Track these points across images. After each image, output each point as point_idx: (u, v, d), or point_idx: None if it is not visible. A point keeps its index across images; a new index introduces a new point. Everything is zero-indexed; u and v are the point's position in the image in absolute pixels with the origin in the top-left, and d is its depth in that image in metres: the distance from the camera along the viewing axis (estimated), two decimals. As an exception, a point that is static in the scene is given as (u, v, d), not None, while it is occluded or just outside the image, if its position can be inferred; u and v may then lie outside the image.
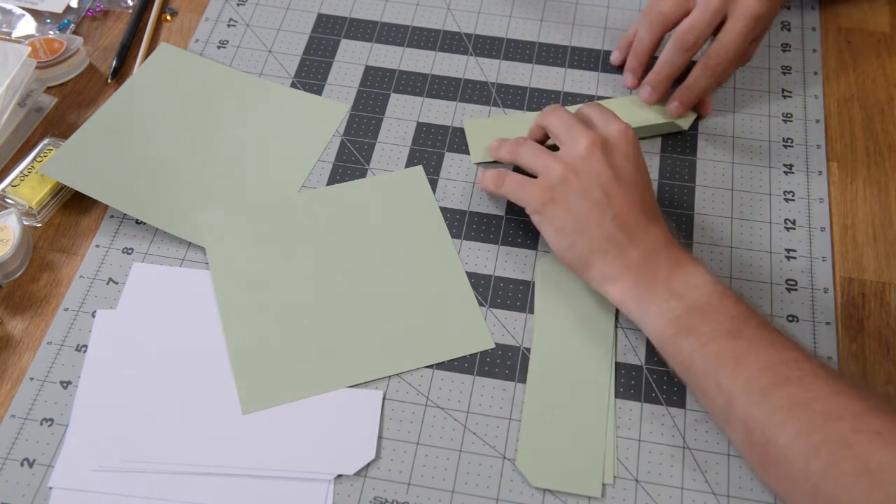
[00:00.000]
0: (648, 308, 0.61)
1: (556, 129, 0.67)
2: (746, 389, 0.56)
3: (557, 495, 0.60)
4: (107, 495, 0.60)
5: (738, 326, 0.58)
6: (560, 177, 0.64)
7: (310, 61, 0.83)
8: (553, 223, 0.64)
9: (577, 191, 0.63)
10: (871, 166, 0.76)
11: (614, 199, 0.63)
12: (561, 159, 0.64)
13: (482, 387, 0.65)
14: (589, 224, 0.63)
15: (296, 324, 0.67)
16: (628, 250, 0.62)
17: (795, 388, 0.54)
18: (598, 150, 0.64)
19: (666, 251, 0.62)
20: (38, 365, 0.65)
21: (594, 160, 0.63)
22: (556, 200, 0.64)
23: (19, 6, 0.86)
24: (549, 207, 0.64)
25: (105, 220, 0.73)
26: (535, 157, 0.66)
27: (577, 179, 0.63)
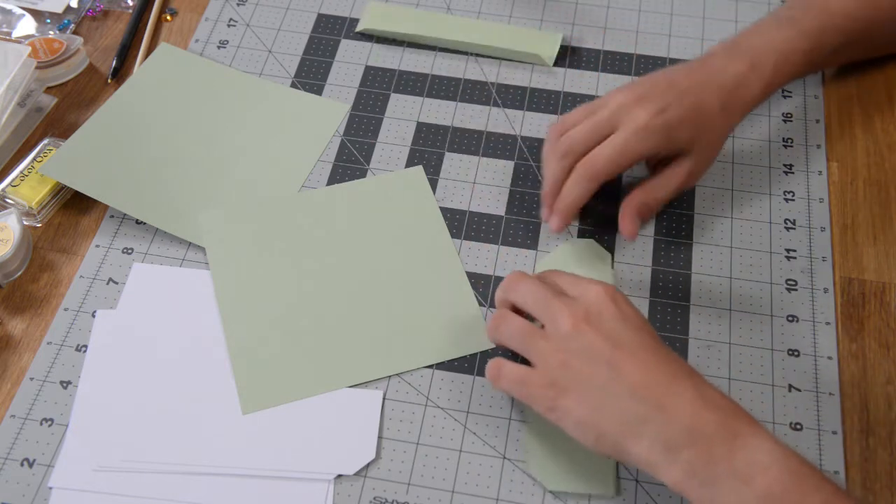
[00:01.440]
0: (714, 499, 0.51)
1: (529, 307, 0.59)
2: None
3: (557, 496, 0.60)
4: (107, 495, 0.60)
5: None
6: (558, 364, 0.56)
7: (310, 61, 0.83)
8: (571, 418, 0.55)
9: (581, 374, 0.55)
10: (871, 166, 0.76)
11: (625, 369, 0.54)
12: (552, 342, 0.56)
13: (482, 387, 0.65)
14: (608, 407, 0.54)
15: (296, 324, 0.67)
16: (665, 426, 0.52)
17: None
18: (585, 323, 0.55)
19: (713, 418, 0.52)
20: (38, 365, 0.65)
21: (585, 336, 0.55)
22: (563, 392, 0.55)
23: (19, 6, 0.86)
24: (560, 403, 0.55)
25: (105, 220, 0.73)
26: (524, 339, 0.58)
27: (576, 360, 0.55)
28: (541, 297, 0.58)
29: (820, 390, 0.64)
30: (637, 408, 0.53)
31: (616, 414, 0.54)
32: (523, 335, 0.58)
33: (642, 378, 0.54)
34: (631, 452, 0.53)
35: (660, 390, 0.53)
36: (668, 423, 0.52)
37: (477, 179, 0.75)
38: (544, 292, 0.58)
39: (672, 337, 0.66)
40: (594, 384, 0.54)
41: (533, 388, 0.57)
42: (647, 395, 0.53)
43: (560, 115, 0.73)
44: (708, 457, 0.51)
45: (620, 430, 0.54)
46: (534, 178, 0.75)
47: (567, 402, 0.55)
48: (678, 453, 0.52)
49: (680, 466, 0.52)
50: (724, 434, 0.51)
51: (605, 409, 0.54)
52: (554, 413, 0.56)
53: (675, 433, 0.52)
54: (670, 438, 0.52)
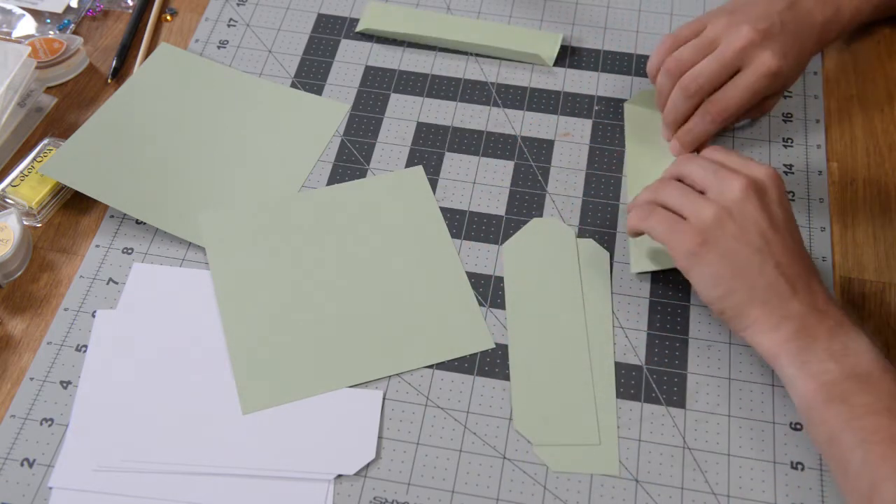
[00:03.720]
0: (802, 366, 0.57)
1: (698, 176, 0.62)
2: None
3: (557, 495, 0.60)
4: (107, 495, 0.60)
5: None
6: (714, 219, 0.60)
7: (310, 61, 0.83)
8: (707, 269, 0.60)
9: (734, 235, 0.59)
10: (871, 166, 0.76)
11: (775, 247, 0.59)
12: (713, 201, 0.60)
13: (482, 387, 0.65)
14: (749, 271, 0.59)
15: (296, 324, 0.67)
16: (790, 301, 0.58)
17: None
18: (753, 192, 0.60)
19: (828, 309, 0.58)
20: (38, 365, 0.65)
21: (749, 204, 0.60)
22: (711, 244, 0.60)
23: (19, 6, 0.86)
24: (703, 252, 0.60)
25: (105, 220, 0.73)
26: (683, 196, 0.62)
27: (732, 223, 0.59)
28: (713, 167, 0.62)
29: (820, 390, 0.64)
30: (774, 280, 0.59)
31: (753, 279, 0.59)
32: (684, 192, 0.62)
33: (786, 259, 0.59)
34: (748, 315, 0.59)
35: (797, 275, 0.59)
36: (793, 299, 0.58)
37: (477, 179, 0.75)
38: (714, 165, 0.62)
39: (672, 337, 0.66)
40: (745, 248, 0.59)
41: (681, 232, 0.61)
42: (787, 273, 0.59)
43: (672, 33, 0.74)
44: (812, 332, 0.57)
45: (750, 293, 0.59)
46: (534, 177, 0.75)
47: (710, 255, 0.60)
48: (788, 323, 0.58)
49: (783, 333, 0.58)
50: (832, 322, 0.58)
51: (744, 272, 0.59)
52: (693, 258, 0.60)
53: (794, 310, 0.58)
54: (788, 312, 0.58)
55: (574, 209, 0.73)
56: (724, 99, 0.71)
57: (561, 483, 0.60)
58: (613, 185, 0.75)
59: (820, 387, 0.56)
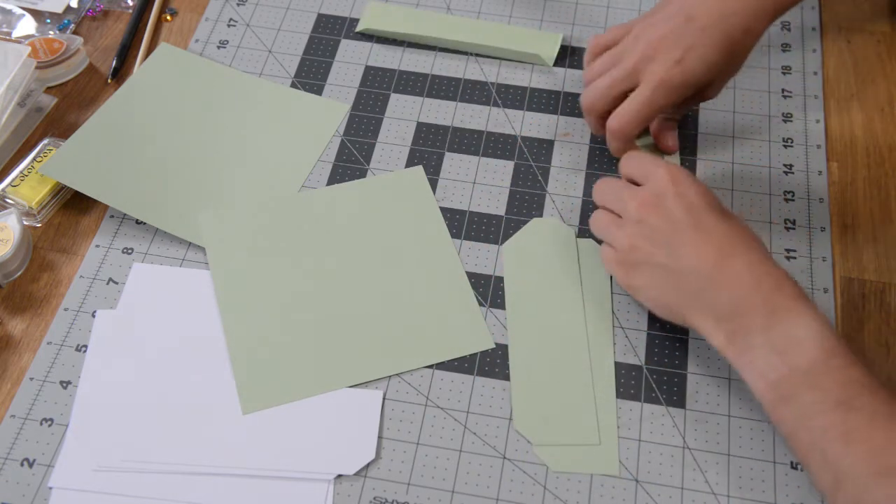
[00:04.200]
0: (748, 366, 0.56)
1: (609, 203, 0.66)
2: (856, 472, 0.50)
3: (557, 495, 0.60)
4: (107, 495, 0.60)
5: (849, 395, 0.52)
6: (628, 247, 0.62)
7: (310, 61, 0.83)
8: (643, 293, 0.63)
9: (646, 254, 0.61)
10: (871, 166, 0.76)
11: (682, 251, 0.60)
12: (624, 228, 0.63)
13: (482, 387, 0.65)
14: (669, 284, 0.60)
15: (296, 324, 0.67)
16: (715, 298, 0.58)
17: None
18: (649, 207, 0.62)
19: (757, 293, 0.57)
20: (38, 365, 0.65)
21: (650, 219, 0.61)
22: (634, 268, 0.62)
23: (19, 6, 0.86)
24: (632, 279, 0.63)
25: (105, 220, 0.73)
26: (602, 228, 0.66)
27: (642, 243, 0.62)
28: (613, 189, 0.66)
29: (820, 390, 0.64)
30: (693, 283, 0.59)
31: (677, 289, 0.60)
32: (603, 225, 0.66)
33: (697, 256, 0.59)
34: (691, 322, 0.60)
35: (711, 267, 0.59)
36: (716, 296, 0.58)
37: (477, 179, 0.75)
38: (616, 185, 0.66)
39: (672, 337, 0.66)
40: (657, 263, 0.61)
41: (611, 266, 0.65)
42: (701, 271, 0.59)
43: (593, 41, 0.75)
44: (747, 328, 0.56)
45: (681, 302, 0.60)
46: (534, 177, 0.75)
47: (638, 280, 0.62)
48: (723, 322, 0.58)
49: (723, 335, 0.58)
50: (764, 309, 0.56)
51: (668, 285, 0.61)
52: (630, 290, 0.63)
53: (722, 304, 0.58)
54: (718, 309, 0.58)
55: (574, 209, 0.73)
56: (618, 114, 0.69)
57: (561, 483, 0.60)
58: (613, 185, 0.75)
59: (769, 386, 0.55)
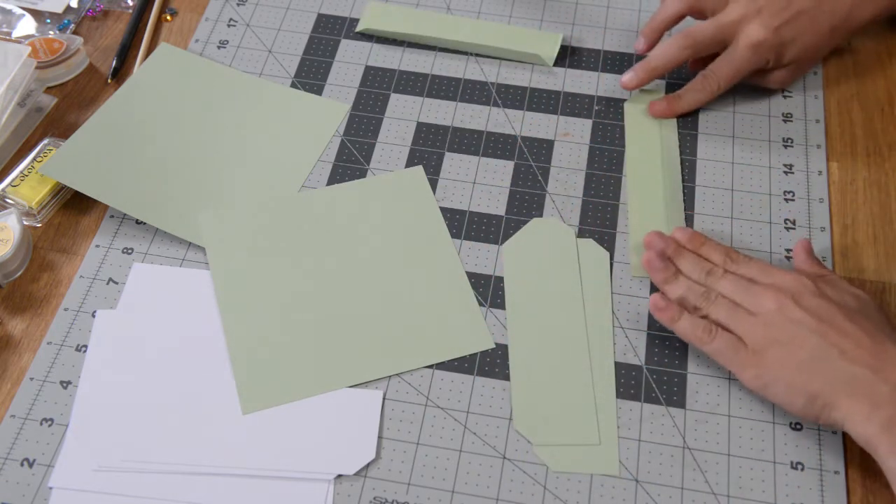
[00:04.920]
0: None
1: (732, 294, 0.63)
2: None
3: (557, 495, 0.60)
4: (107, 495, 0.60)
5: None
6: (764, 336, 0.60)
7: (310, 61, 0.83)
8: (780, 382, 0.59)
9: (790, 343, 0.59)
10: (871, 166, 0.76)
11: (832, 338, 0.58)
12: (757, 318, 0.60)
13: (482, 387, 0.65)
14: (819, 371, 0.57)
15: (296, 324, 0.67)
16: (876, 385, 0.56)
17: None
18: (788, 300, 0.60)
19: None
20: (38, 365, 0.65)
21: (789, 309, 0.60)
22: (772, 359, 0.59)
23: (19, 6, 0.86)
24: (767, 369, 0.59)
25: (105, 220, 0.73)
26: (731, 314, 0.62)
27: (783, 333, 0.59)
28: (742, 285, 0.63)
29: (820, 390, 0.64)
30: (848, 368, 0.57)
31: (827, 374, 0.57)
32: (731, 311, 0.62)
33: (850, 343, 0.58)
34: (839, 409, 0.57)
35: (867, 353, 0.57)
36: (877, 381, 0.56)
37: (477, 179, 0.75)
38: (744, 282, 0.63)
39: (672, 337, 0.66)
40: (803, 351, 0.58)
41: (742, 357, 0.61)
42: (857, 357, 0.57)
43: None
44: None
45: (831, 389, 0.57)
46: (534, 177, 0.75)
47: (776, 369, 0.59)
48: (880, 410, 0.55)
49: (878, 422, 0.55)
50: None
51: (815, 371, 0.58)
52: (762, 379, 0.60)
53: (883, 393, 0.55)
54: (877, 395, 0.56)
55: (574, 209, 0.73)
56: (714, 69, 0.75)
57: (561, 483, 0.60)
58: (613, 185, 0.75)
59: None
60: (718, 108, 0.79)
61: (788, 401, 0.59)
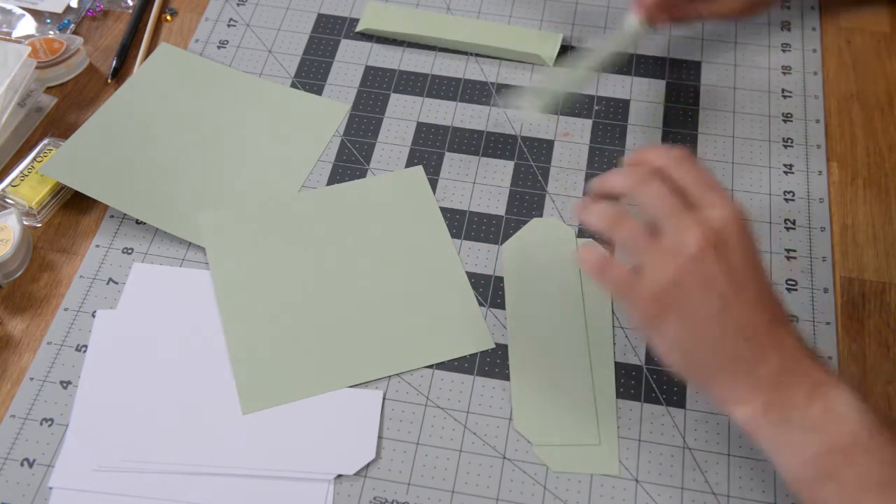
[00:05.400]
0: (782, 441, 0.52)
1: (653, 209, 0.55)
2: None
3: (557, 495, 0.60)
4: (107, 495, 0.60)
5: (893, 475, 0.50)
6: (672, 281, 0.53)
7: (310, 61, 0.83)
8: (666, 337, 0.55)
9: (692, 299, 0.53)
10: (871, 166, 0.76)
11: (735, 308, 0.53)
12: (670, 256, 0.54)
13: (482, 387, 0.65)
14: (708, 338, 0.54)
15: (296, 324, 0.67)
16: (757, 367, 0.53)
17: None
18: (711, 248, 0.53)
19: (801, 366, 0.53)
20: (38, 365, 0.65)
21: (708, 263, 0.53)
22: (669, 309, 0.54)
23: (19, 6, 0.86)
24: (661, 320, 0.54)
25: (105, 220, 0.73)
26: (637, 244, 0.56)
27: (690, 286, 0.53)
28: (669, 205, 0.55)
29: (820, 390, 0.64)
30: (738, 346, 0.53)
31: (716, 346, 0.54)
32: (638, 240, 0.55)
33: (750, 318, 0.54)
34: (714, 386, 0.55)
35: (763, 333, 0.54)
36: (760, 364, 0.53)
37: (477, 179, 0.75)
38: (673, 201, 0.55)
39: (672, 337, 0.66)
40: (703, 313, 0.54)
41: (638, 298, 0.55)
42: (752, 336, 0.53)
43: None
44: (786, 400, 0.52)
45: (716, 362, 0.54)
46: (534, 177, 0.75)
47: (670, 322, 0.54)
48: (760, 393, 0.53)
49: (759, 404, 0.53)
50: (807, 383, 0.53)
51: (706, 340, 0.54)
52: (653, 330, 0.55)
53: (764, 375, 0.53)
54: (758, 379, 0.53)
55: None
56: None
57: (561, 483, 0.60)
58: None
59: (804, 463, 0.52)
60: (718, 108, 0.79)
61: (676, 358, 0.55)
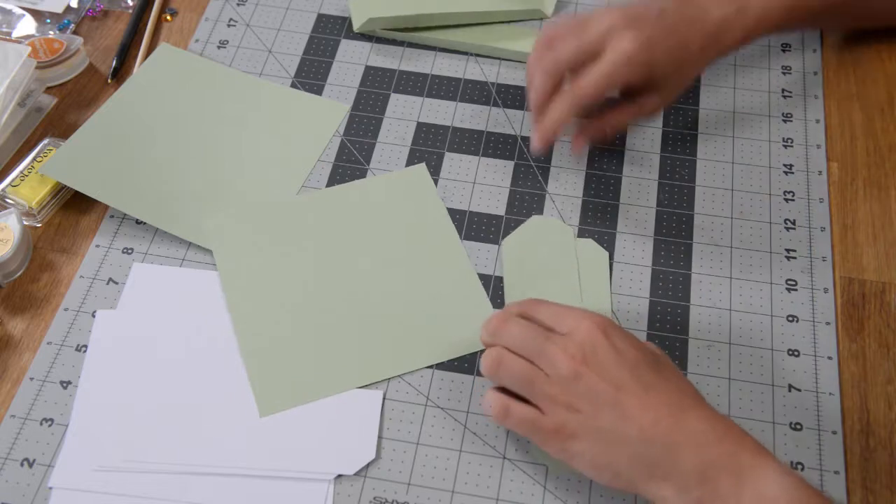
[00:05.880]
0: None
1: (524, 352, 0.57)
2: None
3: (557, 495, 0.60)
4: (107, 495, 0.60)
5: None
6: (564, 407, 0.55)
7: (310, 61, 0.83)
8: (583, 460, 0.55)
9: (588, 418, 0.54)
10: (871, 166, 0.76)
11: (629, 409, 0.54)
12: (554, 385, 0.55)
13: (482, 387, 0.65)
14: (618, 452, 0.54)
15: (309, 325, 0.67)
16: (675, 467, 0.52)
17: None
18: (581, 365, 0.55)
19: (721, 452, 0.52)
20: (38, 365, 0.65)
21: (584, 378, 0.55)
22: (574, 434, 0.55)
23: (19, 6, 0.86)
24: (571, 444, 0.55)
25: (105, 220, 0.73)
26: (525, 384, 0.57)
27: (582, 404, 0.55)
28: (531, 339, 0.57)
29: (820, 390, 0.64)
30: (646, 450, 0.53)
31: (627, 456, 0.54)
32: (526, 380, 0.57)
33: (648, 419, 0.53)
34: (646, 491, 0.54)
35: (666, 430, 0.53)
36: (677, 463, 0.52)
37: (477, 179, 0.75)
38: (535, 333, 0.57)
39: (672, 337, 0.66)
40: (602, 427, 0.54)
41: (543, 433, 0.56)
42: (655, 437, 0.53)
43: (544, 26, 0.72)
44: (716, 494, 0.51)
45: (633, 471, 0.54)
46: (534, 177, 0.75)
47: (578, 445, 0.55)
48: (689, 492, 0.52)
49: (690, 503, 0.52)
50: (731, 468, 0.51)
51: (615, 452, 0.54)
52: (566, 455, 0.56)
53: (685, 472, 0.52)
54: (680, 478, 0.52)
55: (574, 209, 0.73)
56: (580, 80, 0.67)
57: (561, 483, 0.60)
58: (613, 185, 0.75)
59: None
60: (719, 108, 0.79)
61: (596, 475, 0.56)
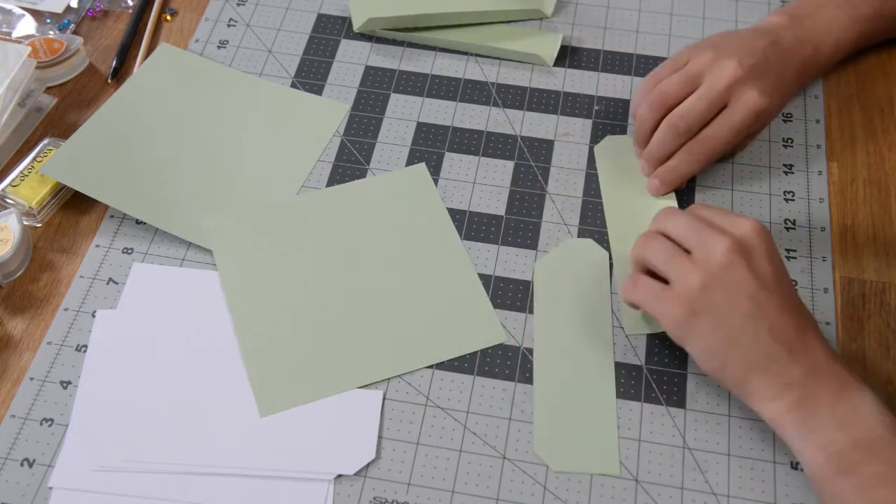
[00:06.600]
0: (808, 437, 0.55)
1: (680, 235, 0.60)
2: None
3: (557, 495, 0.60)
4: (107, 495, 0.60)
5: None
6: (701, 286, 0.57)
7: (310, 61, 0.83)
8: (700, 341, 0.58)
9: (724, 303, 0.57)
10: (871, 166, 0.76)
11: (767, 310, 0.57)
12: (699, 266, 0.58)
13: (482, 387, 0.65)
14: (743, 340, 0.57)
15: (309, 325, 0.67)
16: (789, 367, 0.56)
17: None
18: (738, 255, 0.57)
19: (829, 369, 0.56)
20: (38, 365, 0.65)
21: (736, 267, 0.57)
22: (700, 314, 0.57)
23: (19, 6, 0.86)
24: (693, 323, 0.58)
25: (105, 220, 0.73)
26: (669, 258, 0.60)
27: (721, 289, 0.57)
28: (695, 225, 0.60)
29: (820, 390, 0.64)
30: (770, 347, 0.57)
31: (748, 347, 0.57)
32: (669, 253, 0.60)
33: (780, 321, 0.57)
34: (749, 384, 0.57)
35: (793, 335, 0.57)
36: (792, 365, 0.56)
37: (477, 179, 0.75)
38: (698, 223, 0.60)
39: (672, 337, 0.67)
40: (735, 315, 0.57)
41: (668, 303, 0.59)
42: (782, 337, 0.57)
43: (653, 71, 0.73)
44: (815, 398, 0.56)
45: (747, 362, 0.57)
46: (533, 177, 0.75)
47: (701, 325, 0.58)
48: (790, 391, 0.56)
49: (786, 402, 0.56)
50: (835, 383, 0.56)
51: (738, 342, 0.57)
52: (683, 332, 0.59)
53: (795, 375, 0.56)
54: (789, 378, 0.56)
55: (574, 209, 0.73)
56: (709, 138, 0.70)
57: (561, 483, 0.60)
58: (613, 185, 0.75)
59: (828, 458, 0.54)
60: (718, 108, 0.79)
61: (702, 359, 0.59)
